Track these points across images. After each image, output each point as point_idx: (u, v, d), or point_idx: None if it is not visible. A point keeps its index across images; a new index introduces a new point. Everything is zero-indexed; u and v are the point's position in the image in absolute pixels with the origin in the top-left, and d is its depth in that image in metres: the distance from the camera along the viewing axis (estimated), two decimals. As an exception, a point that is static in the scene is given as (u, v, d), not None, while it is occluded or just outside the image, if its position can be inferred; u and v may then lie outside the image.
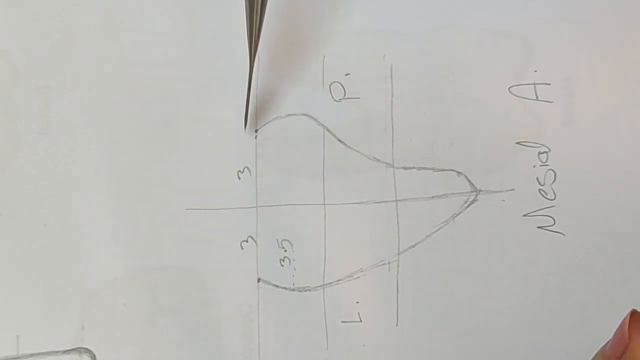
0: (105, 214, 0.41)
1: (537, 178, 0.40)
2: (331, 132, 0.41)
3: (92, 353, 0.40)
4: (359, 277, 0.40)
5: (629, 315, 0.29)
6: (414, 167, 0.40)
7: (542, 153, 0.40)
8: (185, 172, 0.41)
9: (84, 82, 0.41)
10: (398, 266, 0.40)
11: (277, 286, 0.40)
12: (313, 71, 0.41)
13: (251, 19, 0.38)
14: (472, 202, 0.40)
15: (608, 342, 0.30)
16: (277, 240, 0.40)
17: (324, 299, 0.40)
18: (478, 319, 0.39)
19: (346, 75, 0.41)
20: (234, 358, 0.39)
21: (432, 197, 0.40)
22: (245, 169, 0.41)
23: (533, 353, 0.39)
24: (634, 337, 0.29)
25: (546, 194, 0.40)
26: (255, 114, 0.41)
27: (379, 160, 0.41)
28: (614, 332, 0.30)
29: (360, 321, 0.40)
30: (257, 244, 0.40)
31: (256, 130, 0.41)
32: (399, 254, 0.40)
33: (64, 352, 0.40)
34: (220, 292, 0.40)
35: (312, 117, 0.41)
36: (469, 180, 0.40)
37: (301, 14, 0.42)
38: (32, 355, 0.40)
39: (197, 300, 0.40)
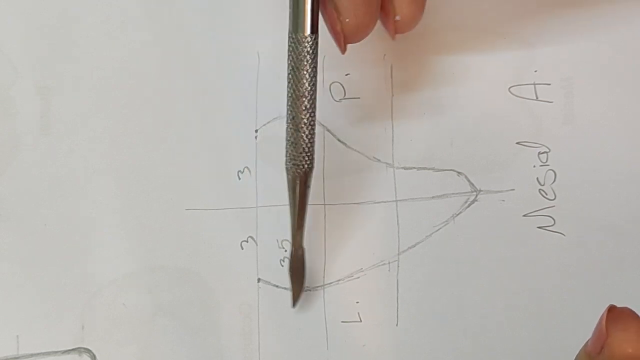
0: (105, 214, 0.41)
1: (537, 178, 0.40)
2: (331, 132, 0.41)
3: (92, 353, 0.40)
4: (359, 277, 0.40)
5: (606, 311, 0.30)
6: (414, 167, 0.40)
7: (542, 153, 0.40)
8: (185, 172, 0.41)
9: (84, 82, 0.41)
10: (398, 266, 0.40)
11: (277, 286, 0.40)
12: (313, 71, 0.41)
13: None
14: (472, 202, 0.40)
15: (589, 339, 0.30)
16: (277, 240, 0.40)
17: (324, 299, 0.40)
18: (478, 318, 0.39)
19: (346, 75, 0.41)
20: (234, 358, 0.39)
21: (432, 197, 0.40)
22: (245, 169, 0.41)
23: (533, 353, 0.39)
24: (611, 332, 0.29)
25: (546, 194, 0.40)
26: (255, 114, 0.41)
27: (379, 160, 0.41)
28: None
29: (360, 321, 0.40)
30: (257, 244, 0.40)
31: (256, 130, 0.41)
32: (399, 254, 0.40)
33: (64, 352, 0.40)
34: (220, 292, 0.40)
35: (312, 117, 0.41)
36: (469, 180, 0.40)
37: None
38: (32, 355, 0.40)
39: (197, 300, 0.40)
